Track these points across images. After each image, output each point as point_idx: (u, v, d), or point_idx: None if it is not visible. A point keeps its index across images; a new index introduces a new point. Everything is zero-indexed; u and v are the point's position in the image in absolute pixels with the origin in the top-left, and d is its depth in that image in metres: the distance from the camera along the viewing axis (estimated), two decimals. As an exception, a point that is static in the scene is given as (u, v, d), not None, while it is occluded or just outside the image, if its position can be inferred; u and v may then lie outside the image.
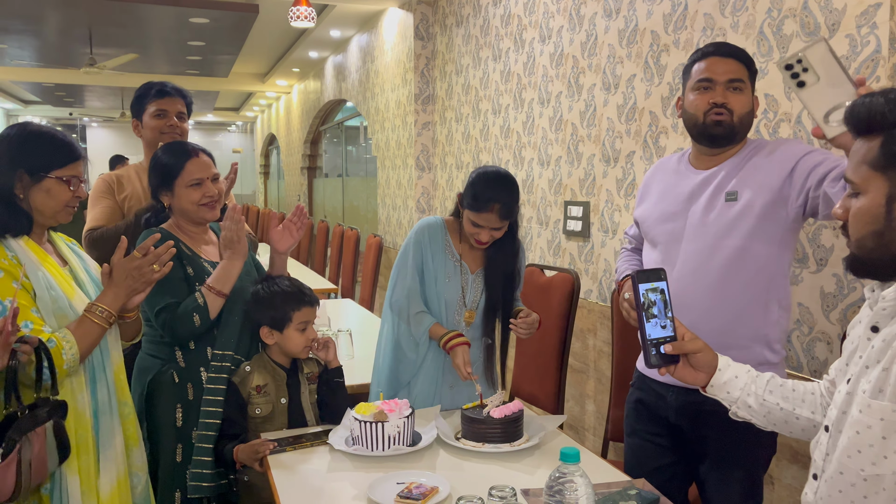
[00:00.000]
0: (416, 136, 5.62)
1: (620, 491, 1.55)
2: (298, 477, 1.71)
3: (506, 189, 2.05)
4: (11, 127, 1.69)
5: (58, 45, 9.57)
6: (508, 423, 1.86)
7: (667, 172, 1.95)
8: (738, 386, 1.32)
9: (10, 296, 1.53)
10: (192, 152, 2.04)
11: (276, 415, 1.98)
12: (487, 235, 2.09)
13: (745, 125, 1.77)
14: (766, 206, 1.70)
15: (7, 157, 1.62)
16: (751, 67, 1.78)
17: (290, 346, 2.00)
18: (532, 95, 3.98)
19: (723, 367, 1.33)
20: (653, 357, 1.28)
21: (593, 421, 3.37)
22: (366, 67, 7.13)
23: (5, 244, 1.59)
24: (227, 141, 21.55)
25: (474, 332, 2.21)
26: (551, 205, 3.78)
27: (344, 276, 5.49)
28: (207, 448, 1.93)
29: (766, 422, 1.33)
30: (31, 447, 1.44)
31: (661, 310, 1.28)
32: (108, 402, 1.70)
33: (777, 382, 1.33)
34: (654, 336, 1.28)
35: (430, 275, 2.16)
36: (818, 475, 1.18)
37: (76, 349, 1.57)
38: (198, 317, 1.93)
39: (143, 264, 1.68)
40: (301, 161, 11.12)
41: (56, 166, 1.65)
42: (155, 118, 2.49)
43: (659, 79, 2.87)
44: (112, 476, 1.68)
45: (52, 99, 15.74)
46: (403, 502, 1.53)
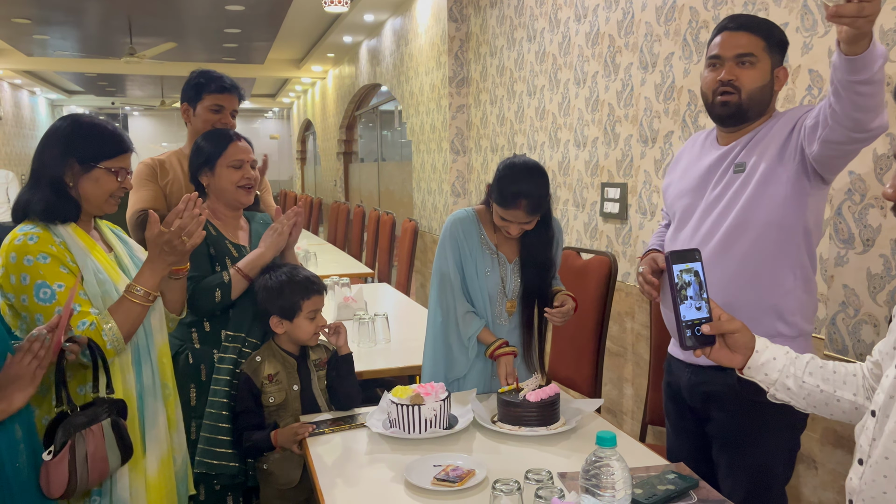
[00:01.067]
0: (450, 120, 5.60)
1: (658, 475, 1.53)
2: (336, 459, 1.73)
3: (532, 183, 2.00)
4: (64, 118, 1.73)
5: (98, 35, 9.76)
6: (545, 406, 1.86)
7: (695, 148, 1.93)
8: (776, 368, 1.28)
9: (58, 280, 1.57)
10: (234, 136, 2.14)
11: (289, 402, 2.00)
12: (517, 229, 2.07)
13: (756, 101, 1.72)
14: (767, 171, 1.68)
15: (60, 146, 1.66)
16: (769, 38, 1.72)
17: (299, 335, 2.01)
18: (567, 76, 3.92)
19: (760, 348, 1.29)
20: (688, 339, 1.25)
21: (631, 404, 3.34)
22: (400, 51, 7.11)
23: (53, 231, 1.63)
24: (264, 127, 21.79)
25: (515, 321, 2.21)
26: (588, 187, 3.73)
27: (380, 261, 5.52)
28: (212, 426, 1.97)
29: (806, 404, 1.29)
30: (86, 444, 1.47)
31: (696, 291, 1.25)
32: (153, 384, 1.74)
33: (817, 364, 1.29)
34: (689, 317, 1.24)
35: (471, 270, 2.15)
36: (864, 460, 1.15)
37: (116, 328, 1.60)
38: (220, 293, 1.98)
39: (172, 237, 1.70)
40: (337, 146, 11.19)
41: (106, 157, 1.69)
42: (211, 112, 2.51)
43: (698, 56, 2.80)
44: (156, 455, 1.73)
45: (94, 88, 16.10)
46: (440, 484, 1.54)
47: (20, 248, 1.57)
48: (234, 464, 1.99)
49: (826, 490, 2.18)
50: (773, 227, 1.69)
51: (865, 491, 1.14)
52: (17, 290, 1.56)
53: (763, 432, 1.73)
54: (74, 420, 1.48)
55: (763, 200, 1.69)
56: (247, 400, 1.96)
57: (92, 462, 1.48)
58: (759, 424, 1.72)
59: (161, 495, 1.73)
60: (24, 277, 1.55)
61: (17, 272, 1.56)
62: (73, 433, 1.47)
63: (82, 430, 1.48)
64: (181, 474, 1.85)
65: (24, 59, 11.25)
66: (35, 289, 1.55)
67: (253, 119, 21.81)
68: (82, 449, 1.46)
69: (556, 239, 2.21)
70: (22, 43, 10.27)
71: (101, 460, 1.50)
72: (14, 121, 14.18)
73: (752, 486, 1.74)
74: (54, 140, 1.68)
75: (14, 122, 14.18)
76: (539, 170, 2.04)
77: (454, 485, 1.53)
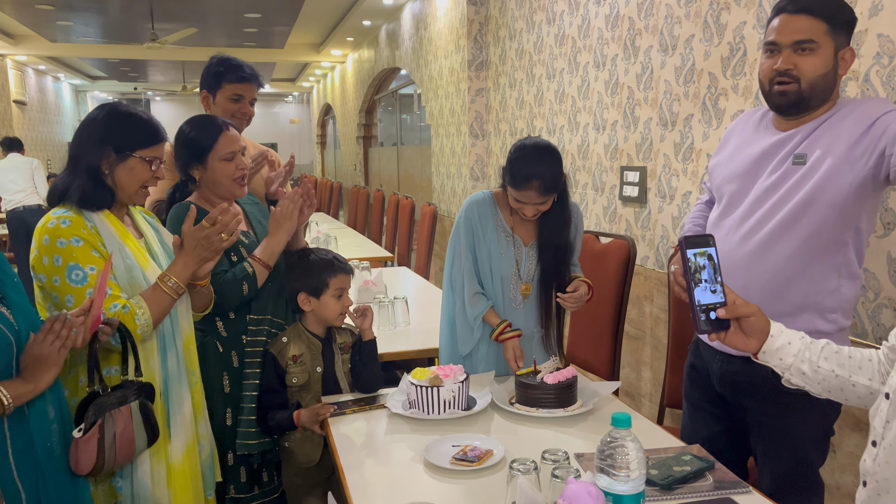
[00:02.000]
0: (469, 103, 5.60)
1: (674, 456, 1.55)
2: (357, 438, 1.77)
3: (543, 164, 2.00)
4: (102, 107, 1.75)
5: (121, 21, 9.83)
6: (562, 388, 1.88)
7: (747, 127, 1.83)
8: (791, 352, 1.28)
9: (91, 263, 1.61)
10: (222, 126, 2.04)
11: (311, 383, 2.04)
12: (532, 210, 2.07)
13: (818, 89, 1.62)
14: (831, 169, 1.58)
15: (97, 135, 1.70)
16: (832, 20, 1.59)
17: (326, 313, 2.05)
18: (587, 59, 3.90)
19: (775, 333, 1.29)
20: (702, 323, 1.25)
21: (649, 388, 3.36)
22: (419, 35, 7.10)
23: (86, 216, 1.67)
24: (284, 111, 21.87)
25: (531, 304, 2.22)
26: (607, 170, 3.73)
27: (399, 245, 5.55)
28: (251, 408, 2.02)
29: (821, 389, 1.29)
30: (115, 425, 1.51)
31: (710, 275, 1.25)
32: (178, 371, 1.78)
33: (832, 349, 1.29)
34: (703, 301, 1.25)
35: (484, 251, 2.17)
36: (877, 442, 1.16)
37: (149, 315, 1.65)
38: (247, 285, 1.99)
39: (212, 233, 1.74)
40: (356, 130, 11.21)
41: (141, 146, 1.72)
42: (230, 101, 2.52)
43: (719, 38, 2.78)
44: (181, 442, 1.76)
45: (117, 74, 16.24)
46: (459, 464, 1.57)
47: (53, 231, 1.61)
48: (267, 439, 2.04)
49: (844, 473, 2.19)
50: (827, 226, 1.62)
51: (879, 472, 1.15)
52: (50, 272, 1.60)
53: (798, 420, 1.72)
54: (105, 400, 1.52)
55: (822, 199, 1.60)
56: (271, 379, 2.01)
57: (120, 442, 1.52)
58: (794, 413, 1.70)
59: (186, 481, 1.76)
60: (57, 259, 1.60)
61: (49, 254, 1.60)
62: (103, 412, 1.50)
63: (112, 411, 1.51)
64: (207, 462, 1.89)
65: (48, 46, 11.37)
66: (67, 270, 1.59)
67: (273, 103, 21.89)
68: (111, 429, 1.50)
69: (574, 223, 2.21)
70: (46, 29, 10.38)
71: (128, 441, 1.54)
72: (39, 106, 14.37)
73: (790, 472, 1.75)
74: (92, 129, 1.71)
75: (39, 107, 14.37)
76: (550, 150, 2.04)
77: (472, 464, 1.56)
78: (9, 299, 1.43)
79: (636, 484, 1.14)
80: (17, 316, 1.41)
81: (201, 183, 2.06)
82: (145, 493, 1.68)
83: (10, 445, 1.37)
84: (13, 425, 1.37)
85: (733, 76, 2.71)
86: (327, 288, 2.04)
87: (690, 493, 1.42)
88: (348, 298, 2.09)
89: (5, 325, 1.38)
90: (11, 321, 1.40)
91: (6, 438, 1.36)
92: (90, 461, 1.48)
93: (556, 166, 2.03)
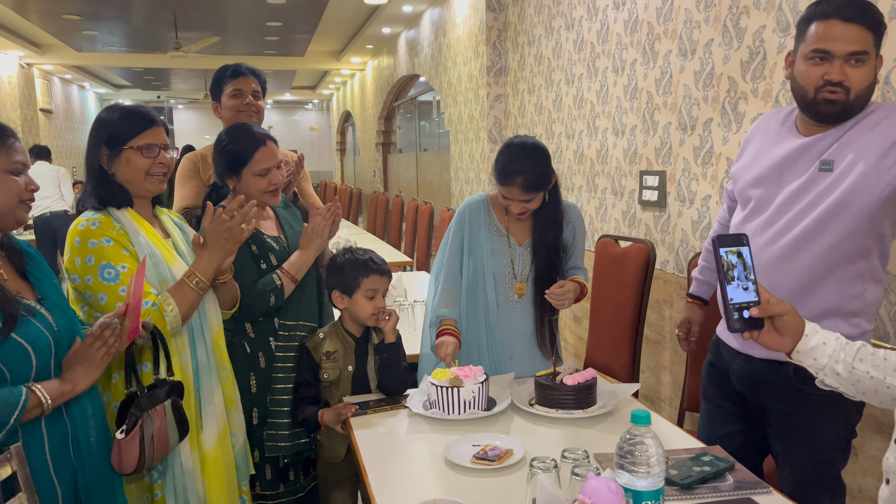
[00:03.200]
0: (488, 109, 5.62)
1: (694, 457, 1.56)
2: (379, 438, 1.79)
3: (528, 161, 2.04)
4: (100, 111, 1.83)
5: (145, 30, 9.99)
6: (581, 390, 1.89)
7: (769, 130, 1.81)
8: (825, 353, 1.26)
9: (122, 262, 1.66)
10: (260, 140, 2.05)
11: (341, 381, 2.07)
12: (518, 207, 2.10)
13: (862, 99, 1.60)
14: (860, 178, 1.56)
15: (93, 136, 1.77)
16: (877, 30, 1.57)
17: (357, 312, 2.09)
18: (606, 64, 3.91)
19: (810, 332, 1.27)
20: (735, 321, 1.24)
21: (669, 392, 3.35)
22: (438, 42, 7.14)
23: (114, 216, 1.72)
24: (304, 119, 22.04)
25: (526, 304, 2.23)
26: (626, 175, 3.73)
27: (419, 250, 5.58)
28: (282, 411, 2.06)
29: (855, 391, 1.27)
30: (153, 423, 1.56)
31: (741, 273, 1.25)
32: (207, 362, 1.82)
33: (868, 350, 1.27)
34: (736, 300, 1.24)
35: (478, 251, 2.20)
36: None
37: (177, 311, 1.69)
38: (273, 297, 2.03)
39: (233, 225, 1.77)
40: (376, 137, 11.28)
41: (129, 137, 1.74)
42: (232, 98, 2.58)
43: (738, 42, 2.78)
44: (213, 430, 1.81)
45: (141, 83, 16.49)
46: (479, 463, 1.59)
47: (84, 233, 1.66)
48: (303, 440, 2.08)
49: (865, 476, 2.17)
50: (853, 234, 1.61)
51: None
52: (83, 272, 1.65)
53: (820, 422, 1.71)
54: (144, 401, 1.57)
55: (850, 208, 1.59)
56: (305, 373, 2.06)
57: (157, 440, 1.57)
58: (816, 414, 1.70)
59: (219, 468, 1.81)
60: (90, 259, 1.64)
61: (81, 255, 1.65)
62: (142, 413, 1.55)
63: (149, 410, 1.57)
64: (241, 453, 1.93)
65: (73, 55, 11.59)
66: (100, 269, 1.64)
67: (293, 111, 22.08)
68: (149, 428, 1.55)
69: (571, 225, 2.22)
70: (72, 39, 10.58)
71: (163, 438, 1.59)
72: (65, 114, 14.62)
73: (812, 473, 1.74)
74: (90, 134, 1.78)
75: (65, 115, 14.62)
76: (537, 148, 2.08)
77: (493, 463, 1.58)
78: (48, 300, 1.48)
79: (656, 480, 1.15)
80: (56, 317, 1.46)
81: (235, 192, 2.09)
82: (183, 483, 1.72)
83: (47, 443, 1.41)
84: (50, 422, 1.41)
85: (753, 80, 2.71)
86: (359, 288, 2.07)
87: (710, 494, 1.43)
88: (381, 300, 2.11)
89: (45, 326, 1.42)
90: (51, 322, 1.44)
91: (43, 436, 1.40)
92: (133, 460, 1.53)
93: (542, 164, 2.06)
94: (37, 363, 1.39)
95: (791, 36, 2.52)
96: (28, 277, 1.49)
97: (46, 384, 1.39)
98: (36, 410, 1.36)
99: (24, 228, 7.89)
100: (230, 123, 2.27)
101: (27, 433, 1.37)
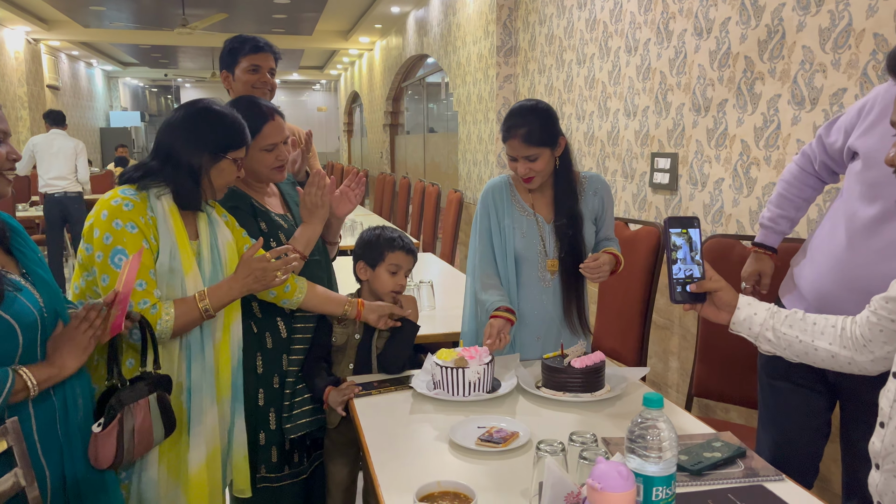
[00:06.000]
0: (497, 90, 5.55)
1: (704, 443, 1.52)
2: (383, 419, 1.76)
3: (527, 114, 2.07)
4: (194, 104, 1.74)
5: (152, 6, 9.92)
6: (589, 373, 1.85)
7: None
8: (756, 322, 1.41)
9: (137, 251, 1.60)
10: (268, 114, 1.99)
11: (347, 348, 2.09)
12: (523, 167, 2.08)
13: None
14: None
15: (195, 134, 1.69)
16: None
17: (378, 286, 2.12)
18: (619, 43, 3.84)
19: (742, 305, 1.42)
20: (677, 294, 1.44)
21: (677, 378, 3.31)
22: (447, 21, 7.05)
23: (151, 203, 1.67)
24: (311, 99, 21.95)
25: (556, 282, 2.19)
26: (637, 157, 3.67)
27: (425, 232, 5.54)
28: (304, 389, 2.04)
29: (790, 353, 1.41)
30: (134, 418, 1.50)
31: (686, 253, 1.42)
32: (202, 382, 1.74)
33: (797, 317, 1.40)
34: (679, 276, 1.43)
35: (509, 233, 2.17)
36: (885, 423, 1.14)
37: (171, 325, 1.63)
38: None
39: (269, 268, 1.74)
40: (383, 118, 11.21)
41: (233, 147, 1.73)
42: (248, 73, 2.52)
43: (756, 21, 2.71)
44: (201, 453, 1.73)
45: (148, 60, 16.42)
46: (484, 445, 1.55)
47: (114, 210, 1.61)
48: (321, 415, 2.05)
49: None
50: None
51: (889, 454, 1.12)
52: (98, 246, 1.61)
53: None
54: (124, 394, 1.51)
55: None
56: (321, 332, 2.09)
57: (138, 435, 1.51)
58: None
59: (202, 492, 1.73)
60: (108, 237, 1.60)
61: (102, 229, 1.61)
62: (122, 407, 1.49)
63: (130, 404, 1.50)
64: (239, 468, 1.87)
65: (81, 31, 11.52)
66: (112, 253, 1.60)
67: (301, 91, 21.98)
68: (130, 422, 1.49)
69: (598, 195, 2.19)
70: (79, 14, 10.51)
71: (146, 433, 1.53)
72: (72, 91, 14.59)
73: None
74: (190, 127, 1.70)
75: (72, 92, 14.60)
76: (539, 105, 2.11)
77: (498, 446, 1.54)
78: (34, 275, 1.43)
79: (667, 465, 1.11)
80: (42, 292, 1.41)
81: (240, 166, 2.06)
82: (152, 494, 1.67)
83: (34, 425, 1.37)
84: (37, 403, 1.37)
85: (770, 59, 2.64)
86: (383, 261, 2.12)
87: (721, 480, 1.39)
88: (403, 278, 2.14)
89: (31, 302, 1.38)
90: (37, 298, 1.40)
91: (31, 418, 1.36)
92: (110, 455, 1.47)
93: (544, 119, 2.08)
94: (23, 341, 1.35)
95: (811, 14, 2.45)
96: (12, 252, 1.44)
97: (32, 367, 1.34)
98: (21, 394, 1.32)
99: (29, 204, 7.86)
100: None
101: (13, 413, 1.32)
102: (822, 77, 2.41)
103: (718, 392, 2.40)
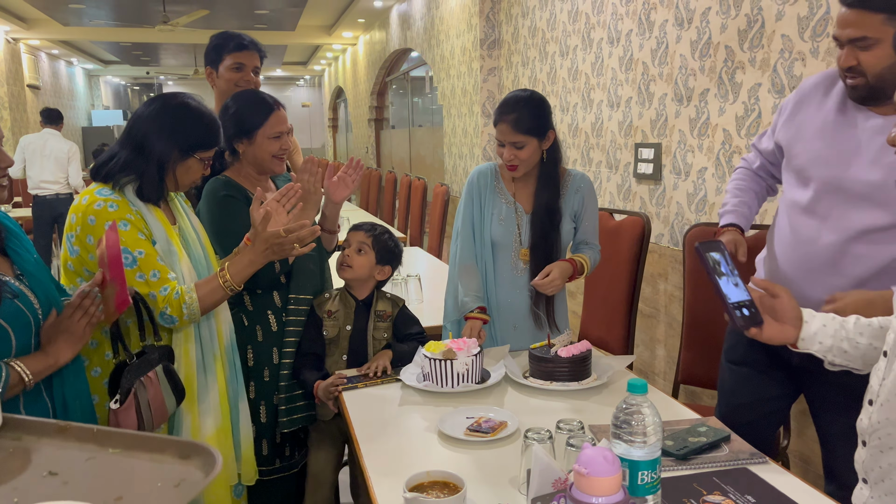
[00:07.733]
0: (481, 83, 5.56)
1: (689, 428, 1.54)
2: (372, 410, 1.77)
3: (521, 102, 2.10)
4: (171, 98, 1.73)
5: (132, 3, 9.82)
6: (576, 362, 1.87)
7: (826, 102, 1.67)
8: (828, 334, 1.26)
9: (139, 247, 1.61)
10: (274, 105, 2.07)
11: (339, 339, 2.08)
12: (509, 152, 2.10)
13: (889, 81, 1.47)
14: None
15: (168, 128, 1.68)
16: (890, 7, 1.45)
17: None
18: (601, 35, 3.86)
19: (808, 318, 1.27)
20: (739, 319, 1.28)
21: (663, 365, 3.34)
22: (430, 14, 7.04)
23: (129, 199, 1.66)
24: (295, 95, 21.83)
25: (529, 271, 2.21)
26: (621, 147, 3.69)
27: (412, 226, 5.55)
28: (295, 384, 2.05)
29: (863, 364, 1.26)
30: (147, 390, 1.52)
31: (727, 267, 1.30)
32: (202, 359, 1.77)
33: (864, 323, 1.27)
34: (734, 299, 1.28)
35: (488, 217, 2.20)
36: (873, 400, 1.15)
37: (197, 306, 1.66)
38: (278, 264, 1.99)
39: (286, 242, 1.75)
40: (368, 113, 11.18)
41: (203, 147, 1.72)
42: (232, 71, 2.52)
43: (736, 10, 2.73)
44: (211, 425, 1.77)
45: (129, 58, 16.26)
46: (473, 435, 1.57)
47: (99, 214, 1.60)
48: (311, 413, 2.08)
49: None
50: None
51: (880, 429, 1.14)
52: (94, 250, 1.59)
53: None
54: (135, 367, 1.52)
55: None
56: (311, 328, 2.09)
57: (154, 406, 1.54)
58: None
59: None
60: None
61: (95, 234, 1.59)
62: (134, 381, 1.51)
63: (141, 378, 1.52)
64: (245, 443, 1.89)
65: (60, 29, 11.38)
66: None
67: (284, 87, 21.86)
68: (144, 395, 1.51)
69: (580, 193, 2.19)
70: (58, 12, 10.39)
71: (160, 404, 1.56)
72: (52, 90, 14.42)
73: None
74: (163, 121, 1.68)
75: (53, 91, 14.42)
76: (532, 95, 2.13)
77: (487, 435, 1.56)
78: (29, 276, 1.43)
79: (652, 450, 1.13)
80: (38, 293, 1.41)
81: (243, 157, 2.09)
82: None
83: (23, 412, 1.37)
84: (29, 404, 1.37)
85: (751, 49, 2.67)
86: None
87: (706, 464, 1.41)
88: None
89: (26, 304, 1.38)
90: (32, 300, 1.40)
91: (20, 408, 1.36)
92: (132, 429, 1.48)
93: (534, 109, 2.10)
94: (17, 343, 1.34)
95: (790, 4, 2.47)
96: (7, 252, 1.44)
97: (26, 359, 1.34)
98: (17, 387, 1.32)
99: (12, 206, 7.79)
100: (225, 95, 2.24)
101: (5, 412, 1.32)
102: (802, 65, 2.44)
103: (704, 379, 2.43)
